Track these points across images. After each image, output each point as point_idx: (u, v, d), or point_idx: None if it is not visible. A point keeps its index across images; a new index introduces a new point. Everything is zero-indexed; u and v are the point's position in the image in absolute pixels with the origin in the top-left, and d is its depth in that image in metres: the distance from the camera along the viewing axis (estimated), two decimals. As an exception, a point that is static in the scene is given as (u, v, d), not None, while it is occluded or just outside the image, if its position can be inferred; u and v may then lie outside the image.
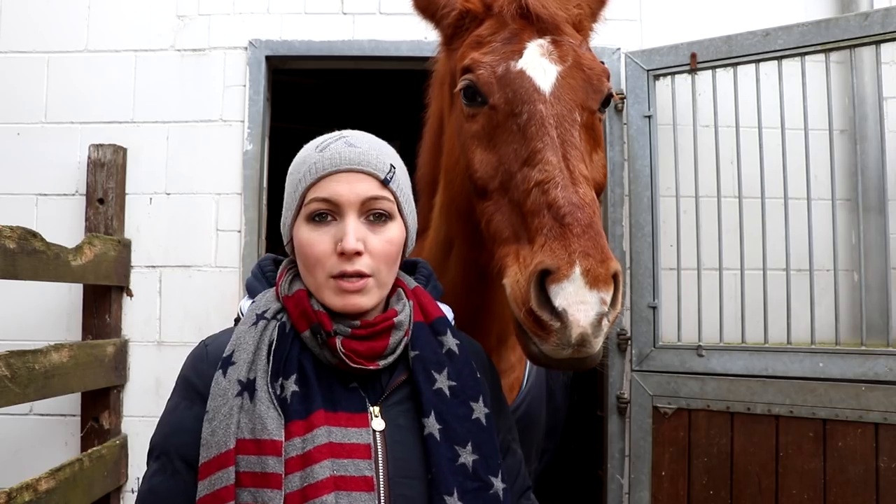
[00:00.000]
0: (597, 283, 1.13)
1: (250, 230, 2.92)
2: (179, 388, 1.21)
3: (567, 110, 1.36)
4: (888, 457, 2.25)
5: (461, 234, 1.62)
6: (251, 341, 1.16)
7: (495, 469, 1.19)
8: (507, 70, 1.39)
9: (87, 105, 2.97)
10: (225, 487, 1.05)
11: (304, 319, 1.17)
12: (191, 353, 1.24)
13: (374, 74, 3.99)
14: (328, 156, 1.19)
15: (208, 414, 1.11)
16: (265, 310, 1.20)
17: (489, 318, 1.70)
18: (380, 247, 1.18)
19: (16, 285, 2.60)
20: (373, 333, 1.17)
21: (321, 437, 1.09)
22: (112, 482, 2.66)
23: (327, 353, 1.16)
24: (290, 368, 1.15)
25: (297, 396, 1.12)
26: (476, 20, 1.52)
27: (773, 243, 2.55)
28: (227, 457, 1.07)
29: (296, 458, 1.08)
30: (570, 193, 1.24)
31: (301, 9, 3.02)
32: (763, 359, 2.48)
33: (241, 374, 1.12)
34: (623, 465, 2.76)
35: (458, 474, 1.14)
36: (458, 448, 1.16)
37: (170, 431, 1.17)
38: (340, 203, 1.17)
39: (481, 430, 1.20)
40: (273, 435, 1.07)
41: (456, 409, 1.19)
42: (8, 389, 1.94)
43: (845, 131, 2.84)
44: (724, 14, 2.97)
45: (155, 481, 1.14)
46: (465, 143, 1.46)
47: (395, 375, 1.21)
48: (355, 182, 1.18)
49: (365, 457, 1.11)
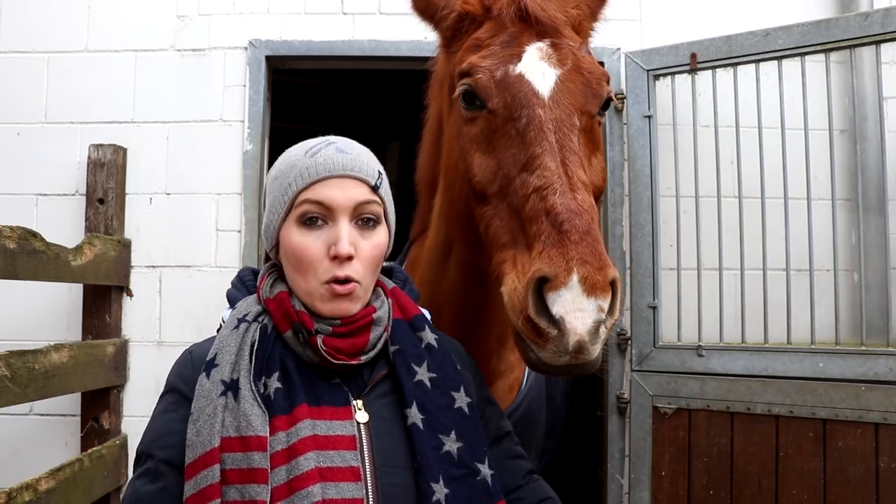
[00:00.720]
0: (594, 290, 1.13)
1: (250, 230, 2.92)
2: (165, 395, 1.22)
3: (566, 115, 1.35)
4: (888, 457, 2.24)
5: (460, 236, 1.62)
6: (234, 343, 1.18)
7: (481, 456, 1.20)
8: (505, 74, 1.38)
9: (87, 105, 2.97)
10: (210, 486, 1.06)
11: (286, 320, 1.19)
12: (176, 361, 1.26)
13: (374, 74, 3.99)
14: (321, 161, 1.20)
15: (192, 415, 1.12)
16: (246, 313, 1.22)
17: (489, 319, 1.70)
18: (368, 251, 1.21)
19: (16, 285, 2.59)
20: (353, 330, 1.19)
21: (305, 429, 1.11)
22: (112, 482, 2.66)
23: (309, 351, 1.18)
24: (273, 367, 1.16)
25: (280, 393, 1.14)
26: (475, 22, 1.51)
27: (773, 243, 2.55)
28: (211, 455, 1.08)
29: (281, 452, 1.09)
30: (568, 200, 1.23)
31: (301, 9, 3.02)
32: (763, 359, 2.48)
33: (224, 374, 1.14)
34: (623, 465, 2.76)
35: (443, 462, 1.16)
36: (442, 437, 1.18)
37: (155, 436, 1.17)
38: (334, 207, 1.19)
39: (465, 419, 1.22)
40: (258, 431, 1.09)
41: (438, 400, 1.21)
42: (8, 389, 1.94)
43: (845, 131, 2.84)
44: (724, 14, 2.97)
45: (139, 485, 1.14)
46: (464, 147, 1.46)
47: (377, 370, 1.24)
48: (348, 188, 1.20)
49: (350, 448, 1.12)
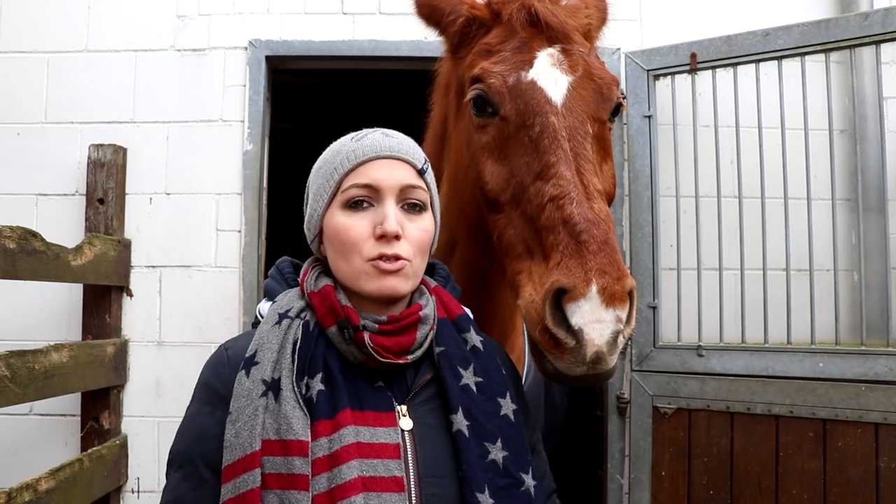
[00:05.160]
0: (613, 301, 1.12)
1: (250, 230, 2.92)
2: (200, 394, 1.17)
3: (579, 122, 1.34)
4: (888, 457, 2.24)
5: (470, 243, 1.60)
6: (275, 340, 1.13)
7: (526, 466, 1.16)
8: (518, 80, 1.37)
9: (87, 105, 2.97)
10: (251, 490, 1.02)
11: (331, 314, 1.15)
12: (210, 357, 1.21)
13: (375, 74, 3.99)
14: (367, 143, 1.19)
15: (231, 416, 1.08)
16: (288, 308, 1.18)
17: (490, 321, 1.69)
18: (416, 234, 1.17)
19: (16, 285, 2.60)
20: (400, 328, 1.15)
21: (348, 436, 1.06)
22: (112, 482, 2.66)
23: (354, 349, 1.14)
24: (316, 367, 1.12)
25: (322, 395, 1.09)
26: (483, 28, 1.50)
27: (773, 243, 2.55)
28: (252, 459, 1.04)
29: (323, 459, 1.05)
30: (585, 209, 1.22)
31: (301, 9, 3.02)
32: (763, 359, 2.48)
33: (265, 373, 1.09)
34: (623, 465, 2.76)
35: (488, 471, 1.12)
36: (488, 444, 1.14)
37: (193, 438, 1.13)
38: (381, 187, 1.16)
39: (510, 427, 1.18)
40: (299, 435, 1.04)
41: (484, 406, 1.17)
42: (8, 389, 1.94)
43: (845, 131, 2.84)
44: (724, 14, 2.97)
45: (180, 491, 1.10)
46: (475, 154, 1.43)
47: (421, 373, 1.19)
48: (394, 168, 1.18)
49: (394, 457, 1.08)
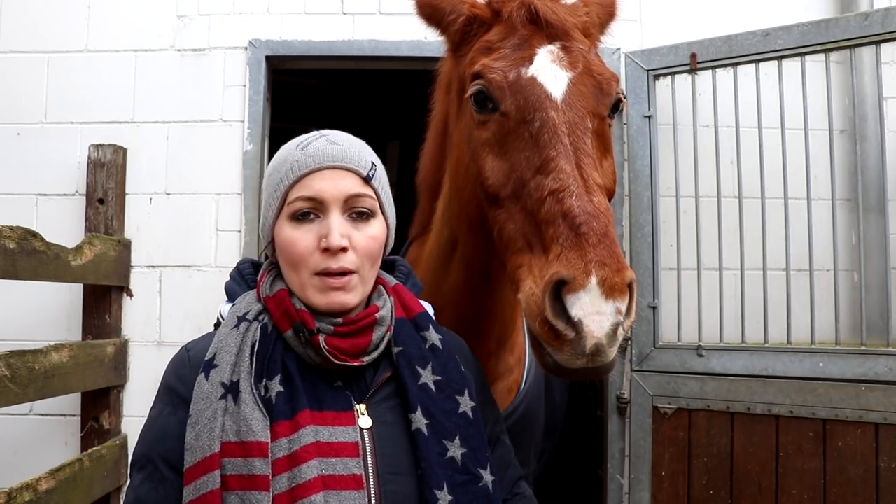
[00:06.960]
0: (613, 293, 1.13)
1: (250, 230, 2.92)
2: (162, 395, 1.19)
3: (579, 117, 1.35)
4: (888, 457, 2.24)
5: (471, 240, 1.60)
6: (233, 343, 1.15)
7: (484, 461, 1.19)
8: (518, 76, 1.38)
9: (87, 105, 2.97)
10: (210, 492, 1.04)
11: (287, 319, 1.17)
12: (172, 359, 1.23)
13: (375, 74, 3.99)
14: (310, 153, 1.18)
15: (191, 418, 1.10)
16: (246, 311, 1.19)
17: (490, 321, 1.70)
18: (363, 243, 1.18)
19: (16, 285, 2.60)
20: (355, 330, 1.17)
21: (308, 436, 1.08)
22: (112, 482, 2.66)
23: (311, 352, 1.15)
24: (274, 369, 1.14)
25: (281, 397, 1.11)
26: (484, 26, 1.51)
27: (773, 243, 2.55)
28: (211, 460, 1.05)
29: (283, 459, 1.07)
30: (584, 202, 1.23)
31: (301, 9, 3.02)
32: (763, 359, 2.48)
33: (224, 376, 1.11)
34: (623, 465, 2.76)
35: (447, 468, 1.14)
36: (447, 442, 1.16)
37: (154, 439, 1.14)
38: (324, 200, 1.16)
39: (468, 424, 1.20)
40: (259, 436, 1.06)
41: (442, 404, 1.19)
42: (8, 389, 1.94)
43: (845, 131, 2.84)
44: (724, 14, 2.97)
45: (142, 491, 1.12)
46: (476, 150, 1.45)
47: (380, 372, 1.21)
48: (338, 179, 1.17)
49: (353, 455, 1.10)
